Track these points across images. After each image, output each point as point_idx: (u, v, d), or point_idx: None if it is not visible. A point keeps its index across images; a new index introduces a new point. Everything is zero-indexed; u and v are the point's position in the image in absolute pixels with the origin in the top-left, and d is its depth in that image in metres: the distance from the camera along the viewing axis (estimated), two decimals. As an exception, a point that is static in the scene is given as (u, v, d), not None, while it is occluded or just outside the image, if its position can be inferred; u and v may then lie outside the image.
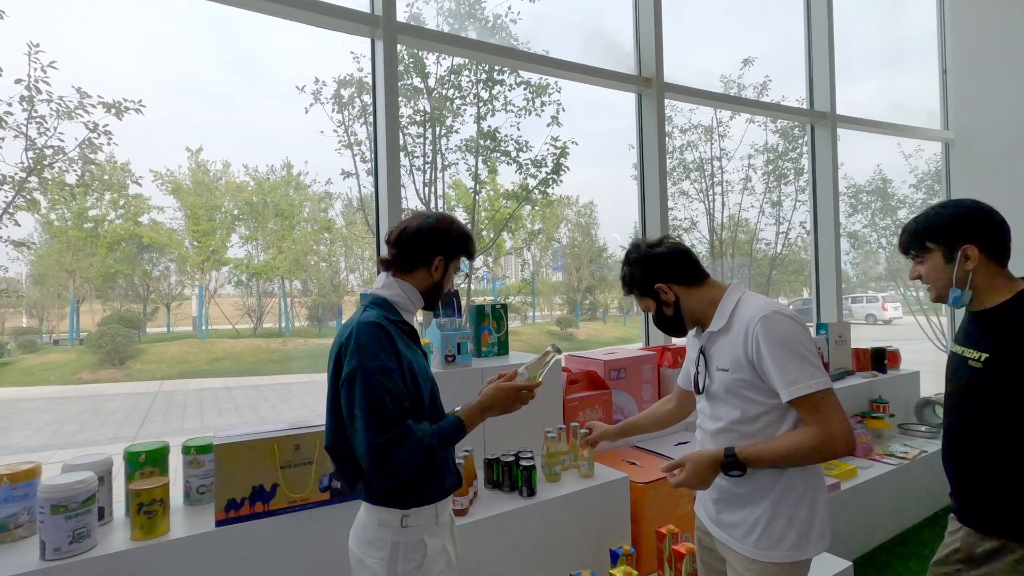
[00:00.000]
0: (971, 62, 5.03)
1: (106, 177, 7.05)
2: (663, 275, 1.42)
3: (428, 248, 1.39)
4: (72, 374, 7.77)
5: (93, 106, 3.84)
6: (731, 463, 1.26)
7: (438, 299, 1.47)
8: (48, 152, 3.98)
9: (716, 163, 8.29)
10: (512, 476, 2.06)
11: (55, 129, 3.83)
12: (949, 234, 1.34)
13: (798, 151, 8.05)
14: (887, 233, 8.09)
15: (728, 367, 1.32)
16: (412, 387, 1.27)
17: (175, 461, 1.86)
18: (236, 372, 8.83)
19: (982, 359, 1.30)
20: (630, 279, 1.48)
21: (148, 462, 1.77)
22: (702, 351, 1.41)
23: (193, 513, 1.77)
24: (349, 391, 1.21)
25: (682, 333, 1.49)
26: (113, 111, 3.88)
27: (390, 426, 1.18)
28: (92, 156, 4.23)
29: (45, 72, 3.51)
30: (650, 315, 1.51)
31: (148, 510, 1.58)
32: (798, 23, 4.57)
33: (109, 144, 4.14)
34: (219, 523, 1.66)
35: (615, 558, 1.96)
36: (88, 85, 3.83)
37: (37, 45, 3.50)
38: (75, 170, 4.49)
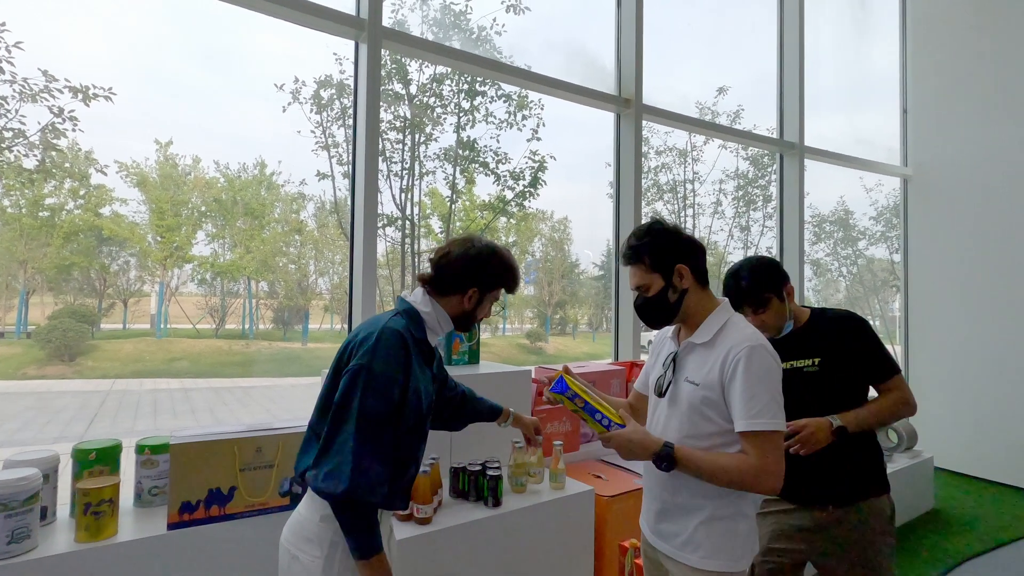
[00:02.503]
0: (929, 103, 5.31)
1: (67, 165, 6.78)
2: (687, 258, 1.37)
3: (464, 277, 1.40)
4: (16, 369, 7.38)
5: (60, 91, 3.71)
6: (665, 455, 1.27)
7: (470, 326, 1.48)
8: (7, 135, 3.81)
9: (689, 186, 8.52)
10: (478, 486, 2.04)
11: (16, 111, 3.68)
12: (776, 282, 1.70)
13: (767, 178, 8.33)
14: (847, 262, 8.40)
15: (699, 382, 1.32)
16: (415, 402, 1.29)
17: (126, 461, 1.79)
18: (194, 373, 8.54)
19: (816, 363, 1.68)
20: (649, 247, 1.37)
21: (98, 460, 1.69)
22: (675, 358, 1.42)
23: (144, 515, 1.70)
24: (351, 383, 1.22)
25: (663, 325, 1.45)
26: (80, 96, 3.75)
27: (384, 449, 1.22)
28: (55, 142, 4.07)
29: (10, 52, 3.38)
30: (635, 297, 1.43)
31: (96, 511, 1.51)
32: (771, 57, 4.76)
33: (74, 130, 3.98)
34: (171, 526, 1.60)
35: None
36: (56, 69, 3.70)
37: (2, 24, 3.36)
38: (35, 155, 4.32)
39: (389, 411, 1.23)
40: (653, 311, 1.40)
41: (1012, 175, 4.63)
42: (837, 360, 1.67)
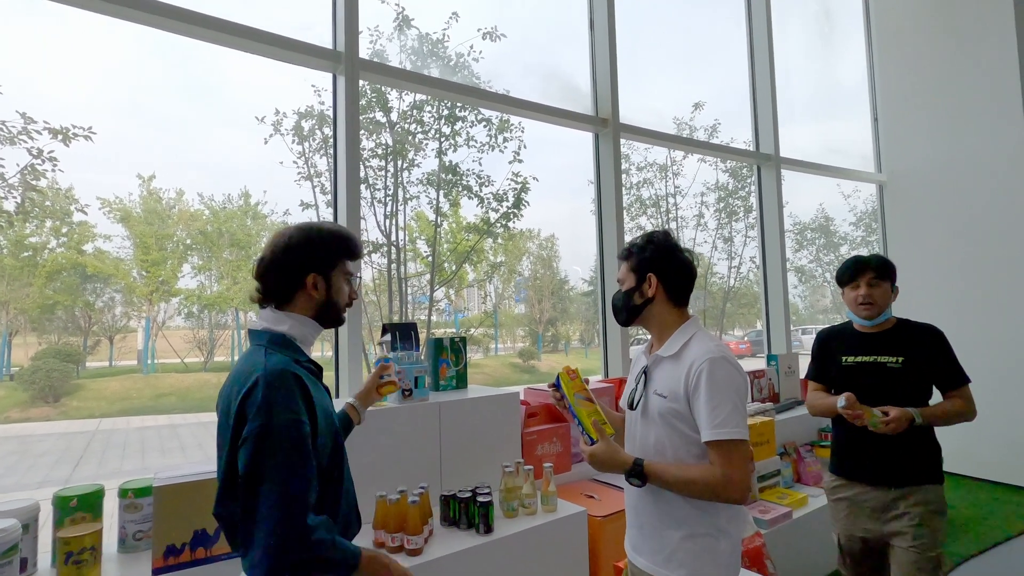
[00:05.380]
0: (899, 110, 5.45)
1: (48, 204, 6.74)
2: (663, 272, 1.45)
3: (294, 270, 1.23)
4: (-1, 413, 7.23)
5: (38, 132, 3.71)
6: (636, 472, 1.32)
7: (339, 315, 1.32)
8: (-15, 178, 3.81)
9: (671, 200, 8.63)
10: (469, 513, 2.02)
11: (-5, 155, 3.68)
12: (895, 274, 2.03)
13: (747, 190, 8.47)
14: (831, 268, 8.51)
15: (666, 394, 1.37)
16: (325, 424, 1.18)
17: (110, 506, 1.75)
18: (183, 408, 8.41)
19: (900, 361, 1.93)
20: (638, 250, 1.49)
21: (80, 507, 1.66)
22: (645, 371, 1.46)
23: (128, 562, 1.67)
24: (256, 450, 1.05)
25: (623, 321, 1.52)
26: (60, 137, 3.75)
27: (306, 500, 1.07)
28: (34, 183, 4.06)
29: (-12, 97, 3.39)
30: (613, 289, 1.52)
31: (77, 559, 1.48)
32: (743, 71, 4.88)
33: (53, 171, 3.98)
34: (156, 571, 1.56)
35: None
36: (35, 111, 3.70)
37: (-20, 69, 3.37)
38: (14, 197, 4.30)
39: (304, 457, 1.09)
40: (618, 304, 1.52)
41: (981, 176, 4.74)
42: (917, 362, 1.91)
